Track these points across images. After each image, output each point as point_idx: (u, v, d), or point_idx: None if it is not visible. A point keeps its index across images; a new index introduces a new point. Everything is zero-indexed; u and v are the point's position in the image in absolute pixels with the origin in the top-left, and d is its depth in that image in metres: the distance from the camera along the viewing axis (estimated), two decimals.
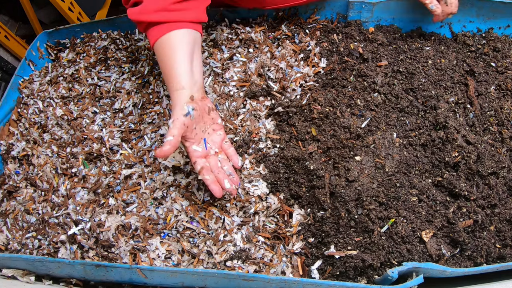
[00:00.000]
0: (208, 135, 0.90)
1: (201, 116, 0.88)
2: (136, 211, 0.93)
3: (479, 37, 1.14)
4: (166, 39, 0.86)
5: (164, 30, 0.86)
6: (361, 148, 0.89)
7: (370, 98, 0.94)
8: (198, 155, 0.86)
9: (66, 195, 0.99)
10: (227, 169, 0.90)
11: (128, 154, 1.02)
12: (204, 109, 0.88)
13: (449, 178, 0.86)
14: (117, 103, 1.13)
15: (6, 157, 1.13)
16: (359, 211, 0.83)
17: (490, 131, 0.93)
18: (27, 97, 1.24)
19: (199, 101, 0.87)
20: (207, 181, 0.85)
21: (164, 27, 0.86)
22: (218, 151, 0.91)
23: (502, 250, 0.83)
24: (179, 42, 0.86)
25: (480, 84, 1.01)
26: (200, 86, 0.89)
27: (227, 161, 0.91)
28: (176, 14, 0.86)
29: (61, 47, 1.36)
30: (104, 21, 1.31)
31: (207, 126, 0.91)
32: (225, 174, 0.88)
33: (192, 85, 0.86)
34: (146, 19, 0.86)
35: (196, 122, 0.86)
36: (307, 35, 1.14)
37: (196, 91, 0.86)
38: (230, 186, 0.87)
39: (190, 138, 0.85)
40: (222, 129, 0.93)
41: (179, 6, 0.86)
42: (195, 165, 0.86)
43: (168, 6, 0.85)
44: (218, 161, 0.90)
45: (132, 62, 1.21)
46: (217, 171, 0.87)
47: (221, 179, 0.87)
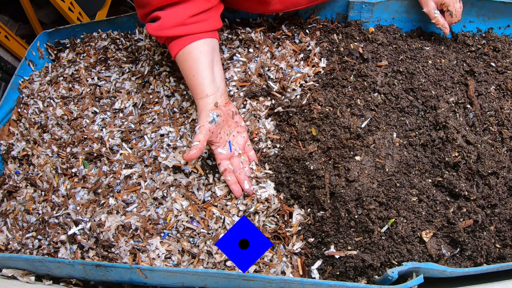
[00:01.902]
0: (232, 137, 0.95)
1: (226, 121, 0.93)
2: (136, 211, 0.92)
3: (479, 37, 1.14)
4: (187, 52, 0.91)
5: (184, 43, 0.90)
6: (361, 148, 0.89)
7: (370, 98, 0.94)
8: (223, 158, 0.92)
9: (66, 195, 0.99)
10: (247, 171, 0.94)
11: (128, 154, 1.02)
12: (228, 113, 0.93)
13: (449, 178, 0.86)
14: (117, 103, 1.13)
15: (6, 157, 1.13)
16: (359, 211, 0.83)
17: (490, 131, 0.93)
18: (27, 97, 1.24)
19: (223, 107, 0.92)
20: (229, 182, 0.91)
21: (183, 41, 0.90)
22: (241, 153, 0.95)
23: (502, 250, 0.83)
24: (199, 53, 0.91)
25: (480, 84, 1.01)
26: (223, 92, 0.94)
27: (248, 163, 0.96)
28: (193, 27, 0.90)
29: (61, 47, 1.36)
30: (104, 21, 1.31)
31: (231, 130, 0.95)
32: (246, 176, 0.93)
33: (215, 91, 0.91)
34: (165, 35, 0.90)
35: (221, 127, 0.92)
36: (307, 35, 1.14)
37: (219, 97, 0.92)
38: (249, 187, 0.92)
39: (215, 142, 0.91)
40: (245, 131, 0.98)
41: (195, 19, 0.90)
42: (219, 167, 0.92)
43: (185, 20, 0.89)
44: (240, 162, 0.94)
45: (132, 62, 1.21)
46: (238, 172, 0.92)
47: (241, 180, 0.92)
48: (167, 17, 0.89)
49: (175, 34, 0.90)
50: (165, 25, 0.89)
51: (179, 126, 1.04)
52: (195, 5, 0.89)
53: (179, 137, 1.02)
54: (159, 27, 0.90)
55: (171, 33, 0.90)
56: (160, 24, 0.90)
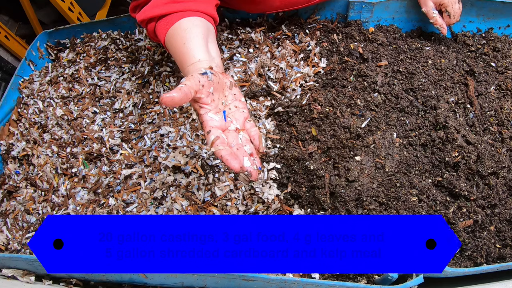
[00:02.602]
0: (229, 110, 0.77)
1: (221, 87, 0.76)
2: (136, 211, 0.92)
3: (479, 37, 1.14)
4: (177, 26, 0.81)
5: (175, 19, 0.82)
6: (361, 148, 0.89)
7: (370, 98, 0.94)
8: (213, 125, 0.72)
9: (66, 195, 0.99)
10: (248, 149, 0.74)
11: (128, 154, 1.02)
12: (224, 82, 0.77)
13: (449, 178, 0.86)
14: (117, 103, 1.13)
15: (6, 157, 1.13)
16: (359, 211, 0.83)
17: (490, 131, 0.93)
18: (27, 97, 1.24)
19: (219, 73, 0.76)
20: (222, 153, 0.68)
21: (174, 16, 0.82)
22: (240, 129, 0.77)
23: (502, 250, 0.83)
24: (191, 24, 0.80)
25: (480, 84, 1.01)
26: (219, 65, 0.79)
27: (249, 142, 0.76)
28: (186, 5, 0.83)
29: (61, 47, 1.36)
30: (104, 21, 1.31)
31: (228, 101, 0.78)
32: (246, 153, 0.73)
33: (210, 60, 0.77)
34: (156, 13, 0.83)
35: (214, 89, 0.73)
36: (307, 35, 1.14)
37: (215, 66, 0.76)
38: (250, 165, 0.71)
39: (205, 103, 0.72)
40: (246, 108, 0.80)
41: None
42: (208, 136, 0.70)
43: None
44: (239, 138, 0.75)
45: (132, 62, 1.21)
46: (236, 146, 0.72)
47: (239, 156, 0.70)
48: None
49: (165, 11, 0.82)
50: (155, 3, 0.83)
51: (179, 126, 1.04)
52: None
53: (179, 137, 1.02)
54: (149, 7, 0.84)
55: (162, 11, 0.82)
56: (150, 5, 0.84)
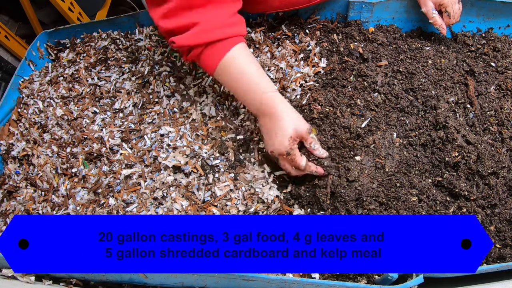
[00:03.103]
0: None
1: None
2: (136, 211, 0.92)
3: (479, 37, 1.14)
4: (230, 56, 0.80)
5: (228, 47, 0.80)
6: (361, 148, 0.89)
7: (370, 98, 0.94)
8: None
9: (66, 195, 0.99)
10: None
11: (128, 154, 1.02)
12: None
13: (449, 178, 0.86)
14: (117, 103, 1.13)
15: (6, 157, 1.13)
16: (359, 211, 0.83)
17: (490, 131, 0.93)
18: (27, 97, 1.24)
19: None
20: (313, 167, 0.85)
21: (226, 44, 0.79)
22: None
23: (502, 250, 0.83)
24: (243, 54, 0.81)
25: (480, 84, 1.01)
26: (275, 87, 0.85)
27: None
28: (234, 29, 0.81)
29: (61, 47, 1.36)
30: (104, 21, 1.31)
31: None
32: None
33: (274, 88, 0.83)
34: (207, 39, 0.78)
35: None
36: (307, 35, 1.14)
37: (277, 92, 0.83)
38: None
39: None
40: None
41: (235, 20, 0.81)
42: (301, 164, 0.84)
43: (227, 20, 0.79)
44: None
45: (132, 62, 1.21)
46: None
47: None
48: (206, 21, 0.77)
49: (218, 37, 0.78)
50: (206, 28, 0.77)
51: (179, 126, 1.04)
52: (228, 6, 0.79)
53: (179, 137, 1.02)
54: (199, 32, 0.77)
55: (214, 36, 0.78)
56: (200, 29, 0.77)
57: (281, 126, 0.81)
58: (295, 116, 0.82)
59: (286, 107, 0.81)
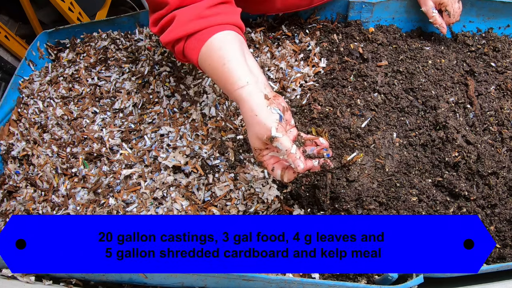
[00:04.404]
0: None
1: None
2: (136, 211, 0.92)
3: (479, 37, 1.14)
4: (210, 44, 0.77)
5: (206, 36, 0.77)
6: (361, 148, 0.89)
7: (370, 98, 0.94)
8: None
9: (66, 195, 0.99)
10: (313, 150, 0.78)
11: (128, 154, 1.02)
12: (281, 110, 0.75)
13: (449, 178, 0.86)
14: (117, 103, 1.13)
15: (6, 157, 1.13)
16: (359, 211, 0.83)
17: (490, 131, 0.93)
18: (27, 97, 1.24)
19: (273, 100, 0.73)
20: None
21: (204, 34, 0.77)
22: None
23: (502, 250, 0.83)
24: (224, 42, 0.76)
25: (480, 84, 1.01)
26: (264, 83, 0.76)
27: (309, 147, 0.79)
28: (213, 19, 0.78)
29: (61, 47, 1.36)
30: (104, 21, 1.31)
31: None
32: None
33: (255, 81, 0.74)
34: (182, 33, 0.78)
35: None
36: (307, 35, 1.14)
37: (264, 88, 0.74)
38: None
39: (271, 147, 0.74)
40: (294, 127, 0.81)
41: (214, 11, 0.78)
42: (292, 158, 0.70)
43: (202, 12, 0.77)
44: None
45: (132, 62, 1.21)
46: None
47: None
48: (180, 16, 0.77)
49: (193, 30, 0.77)
50: (179, 22, 0.77)
51: (179, 126, 1.04)
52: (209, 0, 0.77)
53: (179, 137, 1.02)
54: (174, 27, 0.78)
55: (189, 29, 0.77)
56: (174, 25, 0.78)
57: (248, 132, 0.75)
58: (255, 121, 0.72)
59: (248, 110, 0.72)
